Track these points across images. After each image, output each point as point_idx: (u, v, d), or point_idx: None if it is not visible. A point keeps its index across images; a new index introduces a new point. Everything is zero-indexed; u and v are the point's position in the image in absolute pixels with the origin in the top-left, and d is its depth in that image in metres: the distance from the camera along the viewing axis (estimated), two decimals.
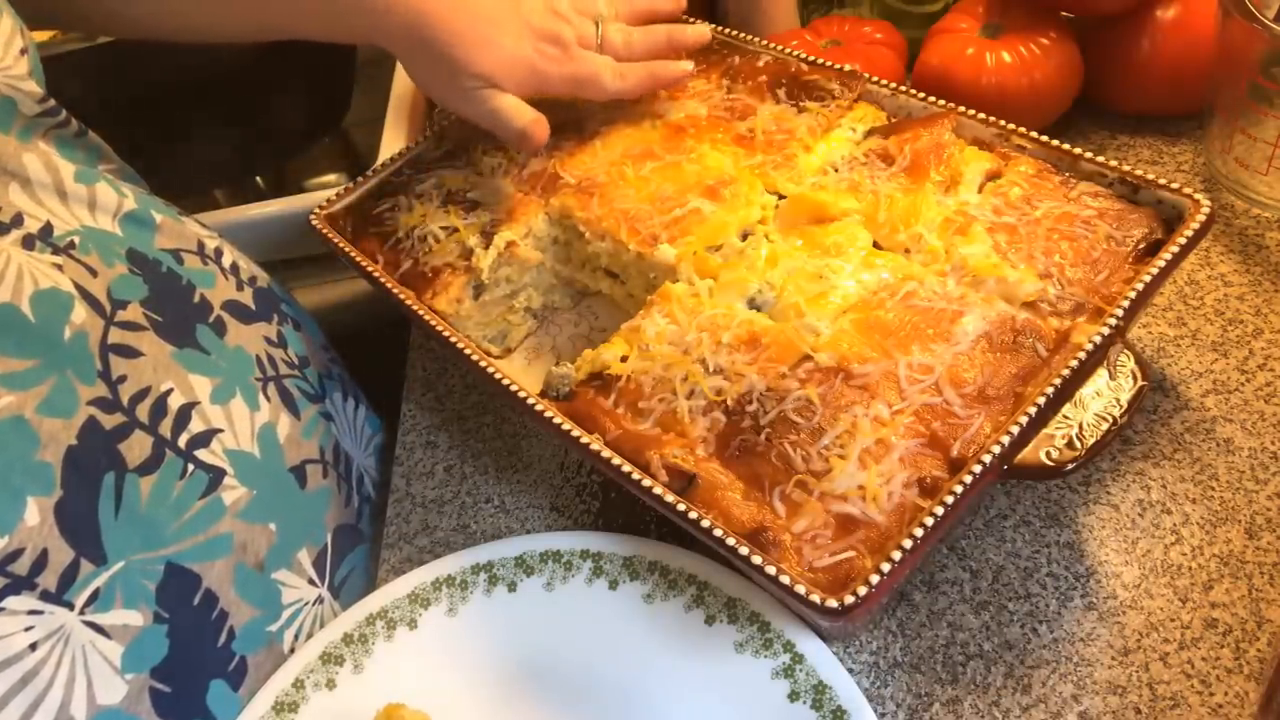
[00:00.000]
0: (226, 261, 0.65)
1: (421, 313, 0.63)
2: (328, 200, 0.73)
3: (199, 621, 0.52)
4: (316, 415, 0.65)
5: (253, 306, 0.65)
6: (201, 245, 0.63)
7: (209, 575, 0.53)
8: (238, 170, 1.01)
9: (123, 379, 0.51)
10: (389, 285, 0.66)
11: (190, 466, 0.53)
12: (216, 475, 0.55)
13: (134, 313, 0.54)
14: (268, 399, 0.61)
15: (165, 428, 0.53)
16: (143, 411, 0.52)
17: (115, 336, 0.52)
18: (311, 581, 0.60)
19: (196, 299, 0.60)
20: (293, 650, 0.57)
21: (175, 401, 0.54)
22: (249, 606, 0.55)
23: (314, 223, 0.71)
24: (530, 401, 0.56)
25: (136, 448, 0.51)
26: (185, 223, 0.63)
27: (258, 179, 1.00)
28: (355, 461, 0.70)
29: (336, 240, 0.69)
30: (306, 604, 0.59)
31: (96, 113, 0.62)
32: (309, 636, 0.58)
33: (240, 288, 0.65)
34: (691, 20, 0.79)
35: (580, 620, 0.55)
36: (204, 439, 0.55)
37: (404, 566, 0.63)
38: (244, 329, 0.62)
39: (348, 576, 0.64)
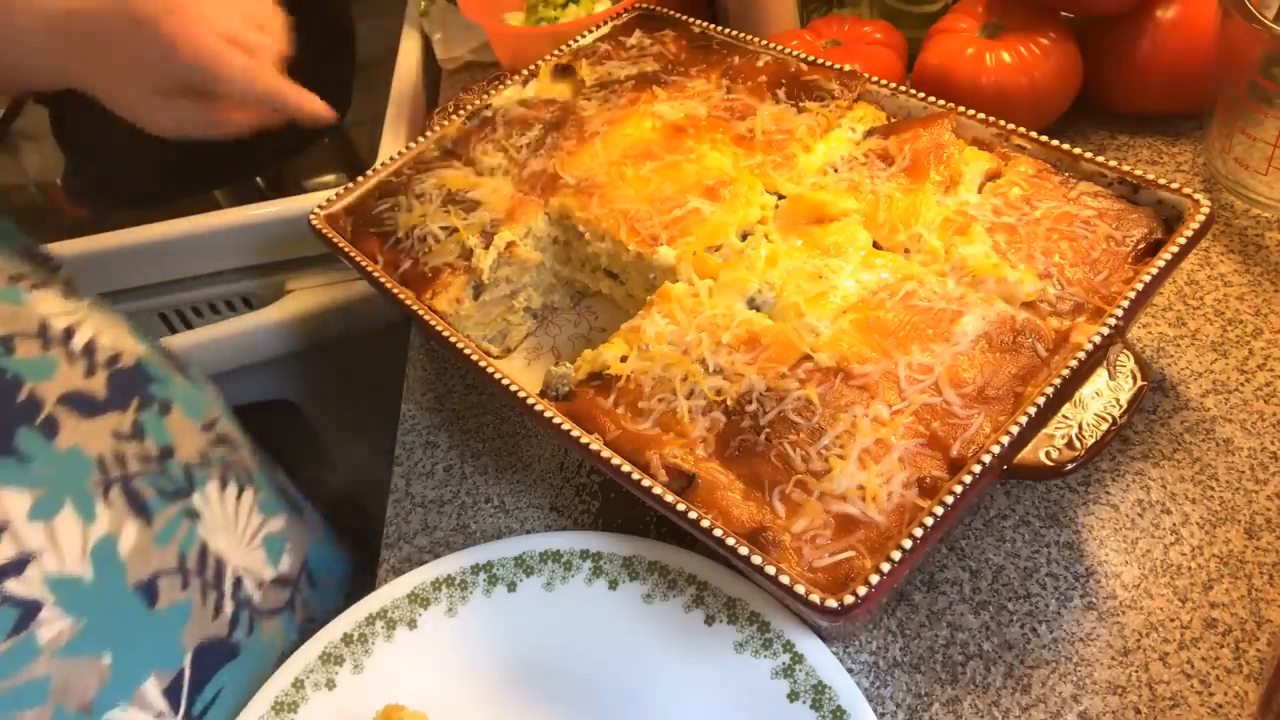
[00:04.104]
0: (78, 342, 0.57)
1: (421, 313, 0.63)
2: (328, 200, 0.72)
3: None
4: (177, 516, 0.58)
5: (103, 395, 0.56)
6: (45, 328, 0.55)
7: None
8: (237, 170, 1.01)
9: None
10: (389, 285, 0.66)
11: None
12: (28, 609, 0.48)
13: None
14: (108, 505, 0.53)
15: None
16: None
17: None
18: (160, 715, 0.53)
19: (21, 396, 0.52)
20: None
21: None
22: None
23: (314, 223, 0.71)
24: (530, 401, 0.56)
25: None
26: (30, 301, 0.56)
27: (258, 179, 1.00)
28: (229, 564, 0.61)
29: (336, 240, 0.69)
30: None
31: (95, 112, 0.62)
32: None
33: (90, 373, 0.57)
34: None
35: (580, 620, 0.55)
36: (14, 568, 0.48)
37: (404, 566, 0.63)
38: (84, 425, 0.54)
39: (215, 699, 0.57)
